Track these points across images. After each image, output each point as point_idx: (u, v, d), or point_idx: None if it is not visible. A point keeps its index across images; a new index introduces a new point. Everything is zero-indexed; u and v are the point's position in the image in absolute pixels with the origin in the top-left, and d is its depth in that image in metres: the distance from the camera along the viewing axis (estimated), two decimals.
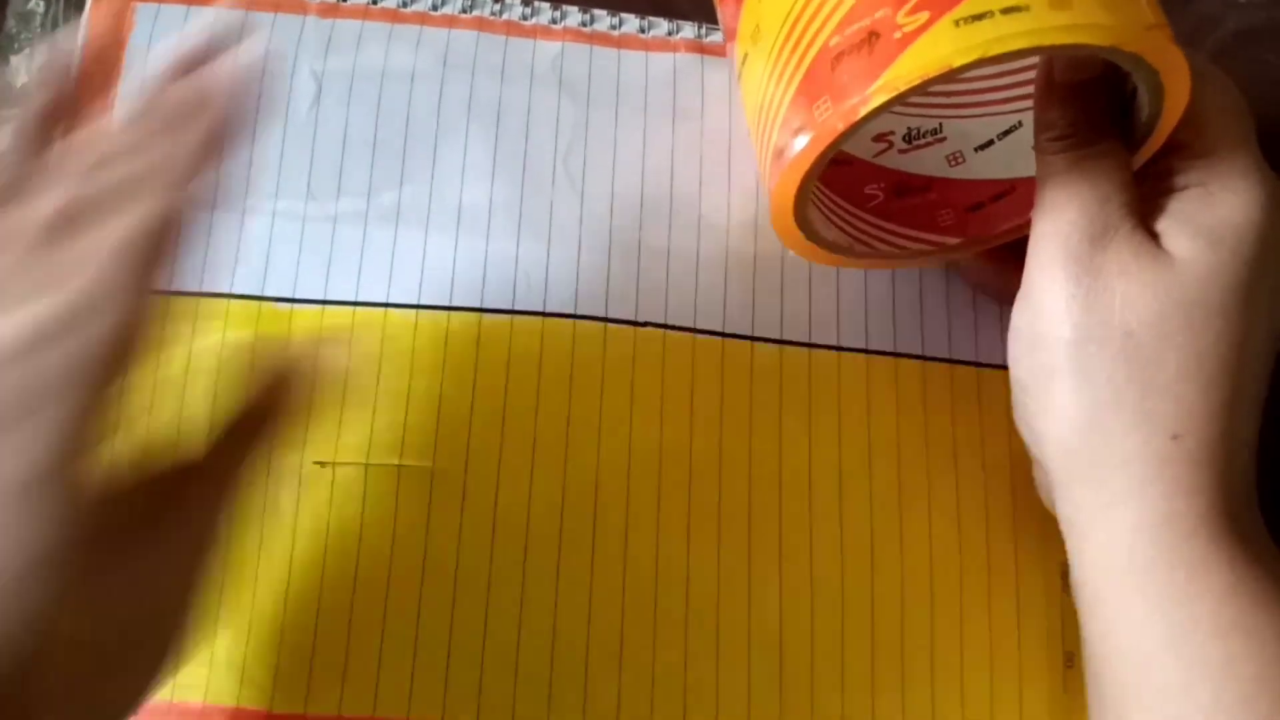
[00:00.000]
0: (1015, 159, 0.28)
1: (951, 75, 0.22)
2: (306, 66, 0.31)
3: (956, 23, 0.21)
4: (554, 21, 0.32)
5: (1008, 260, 0.32)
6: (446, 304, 0.30)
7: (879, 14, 0.22)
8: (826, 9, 0.23)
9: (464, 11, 0.32)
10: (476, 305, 0.30)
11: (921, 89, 0.22)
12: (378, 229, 0.30)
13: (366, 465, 0.28)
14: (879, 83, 0.22)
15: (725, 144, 0.32)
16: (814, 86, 0.23)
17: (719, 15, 0.29)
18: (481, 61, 0.31)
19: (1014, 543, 0.30)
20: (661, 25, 0.33)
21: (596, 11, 0.33)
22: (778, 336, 0.31)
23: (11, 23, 0.34)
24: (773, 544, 0.29)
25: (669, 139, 0.32)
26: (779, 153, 0.25)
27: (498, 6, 0.32)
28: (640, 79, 0.32)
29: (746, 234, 0.31)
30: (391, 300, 0.30)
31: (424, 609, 0.28)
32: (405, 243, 0.30)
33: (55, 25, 0.34)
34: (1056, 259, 0.25)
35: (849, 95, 0.22)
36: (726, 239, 0.31)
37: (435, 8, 0.32)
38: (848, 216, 0.29)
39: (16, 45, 0.34)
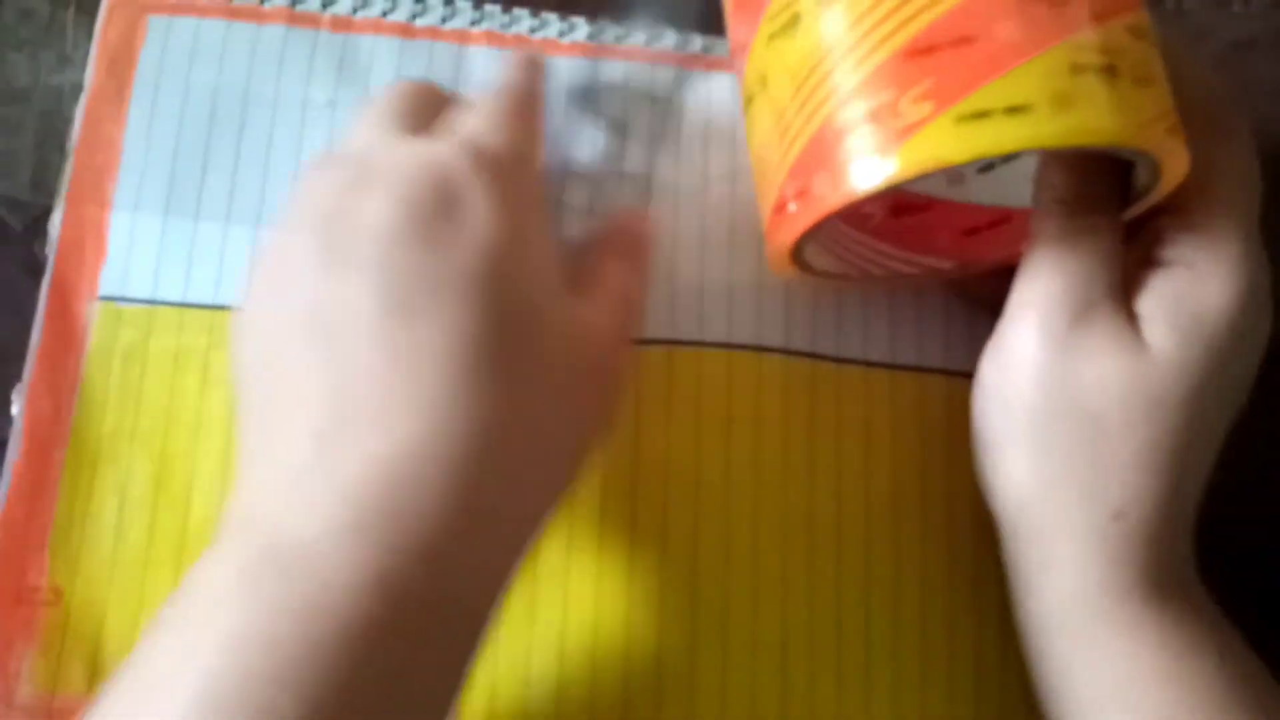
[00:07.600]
0: (1015, 186, 0.29)
1: (949, 170, 0.22)
2: (319, 81, 0.31)
3: (958, 120, 0.22)
4: (562, 35, 0.32)
5: (1000, 274, 0.32)
6: None
7: (883, 96, 0.22)
8: (834, 79, 0.23)
9: (473, 25, 0.32)
10: None
11: (917, 179, 0.22)
12: None
13: None
14: (873, 170, 0.23)
15: (730, 153, 0.32)
16: (815, 158, 0.24)
17: (728, 27, 0.28)
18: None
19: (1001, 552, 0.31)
20: (669, 38, 0.33)
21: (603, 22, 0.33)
22: (783, 347, 0.31)
23: (9, 16, 0.34)
24: (777, 557, 0.30)
25: (673, 153, 0.32)
26: (779, 207, 0.25)
27: (506, 19, 0.32)
28: (646, 94, 0.32)
29: (749, 247, 0.32)
30: None
31: None
32: None
33: (61, 27, 0.33)
34: (1036, 329, 0.25)
35: (846, 175, 0.23)
36: (729, 252, 0.32)
37: (444, 20, 0.32)
38: (844, 240, 0.30)
39: (16, 40, 0.34)
